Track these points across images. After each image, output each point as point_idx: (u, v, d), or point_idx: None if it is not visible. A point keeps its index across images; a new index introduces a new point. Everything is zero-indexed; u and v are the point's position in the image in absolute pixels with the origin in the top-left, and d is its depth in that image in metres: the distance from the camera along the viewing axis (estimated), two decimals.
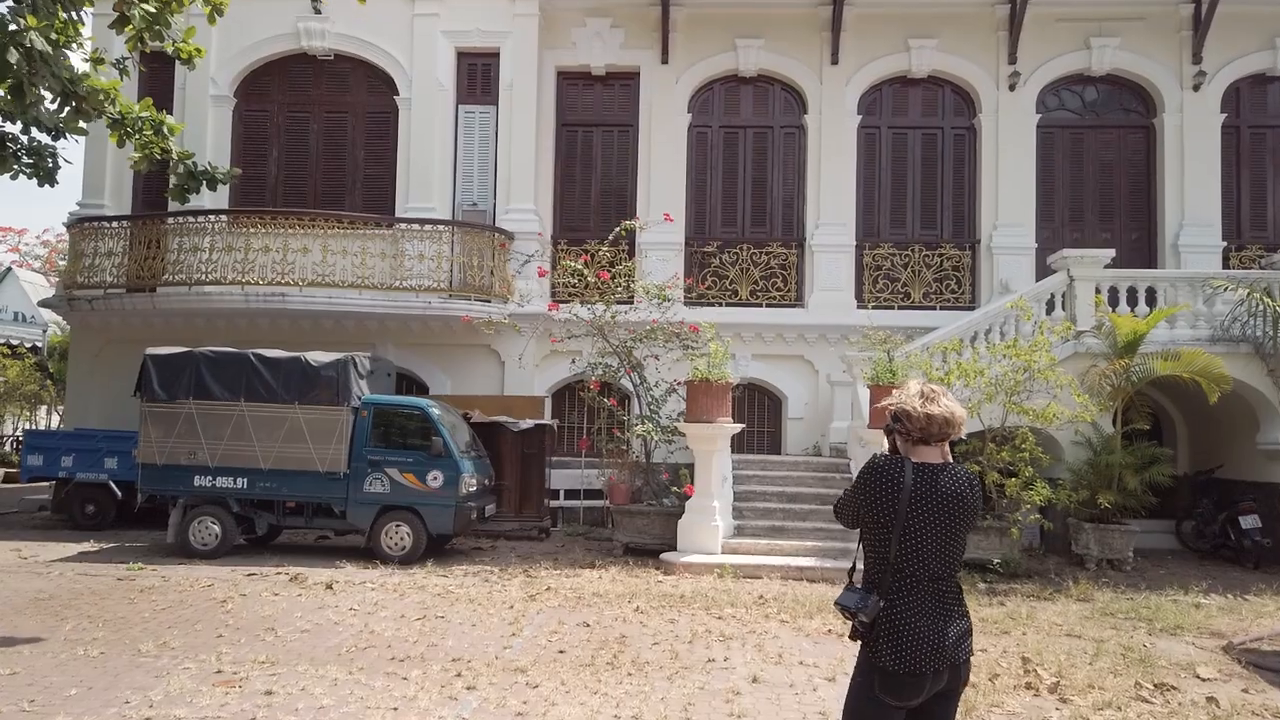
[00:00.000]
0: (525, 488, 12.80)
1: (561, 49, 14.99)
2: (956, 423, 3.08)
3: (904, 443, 3.13)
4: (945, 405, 3.08)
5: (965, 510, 3.02)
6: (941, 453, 3.11)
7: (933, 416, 3.05)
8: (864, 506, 3.09)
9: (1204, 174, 14.38)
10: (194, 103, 14.55)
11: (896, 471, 3.02)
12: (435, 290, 13.20)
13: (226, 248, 12.90)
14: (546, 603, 8.34)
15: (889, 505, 3.00)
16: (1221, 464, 12.76)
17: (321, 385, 10.64)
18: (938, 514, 2.98)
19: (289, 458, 10.57)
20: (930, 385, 3.15)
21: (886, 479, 3.02)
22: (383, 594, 8.60)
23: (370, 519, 10.53)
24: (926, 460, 3.06)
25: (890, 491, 3.00)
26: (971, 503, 3.05)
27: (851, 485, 3.20)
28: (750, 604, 8.47)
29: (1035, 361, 10.28)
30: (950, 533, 3.00)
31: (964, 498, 3.02)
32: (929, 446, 3.09)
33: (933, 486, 2.99)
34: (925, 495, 2.98)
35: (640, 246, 14.51)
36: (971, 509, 3.05)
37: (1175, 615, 8.40)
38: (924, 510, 2.98)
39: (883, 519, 3.01)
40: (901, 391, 3.19)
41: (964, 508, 3.02)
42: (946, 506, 2.99)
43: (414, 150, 14.35)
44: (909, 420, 3.08)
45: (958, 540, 3.04)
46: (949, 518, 2.99)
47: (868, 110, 14.99)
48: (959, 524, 3.02)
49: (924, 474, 3.01)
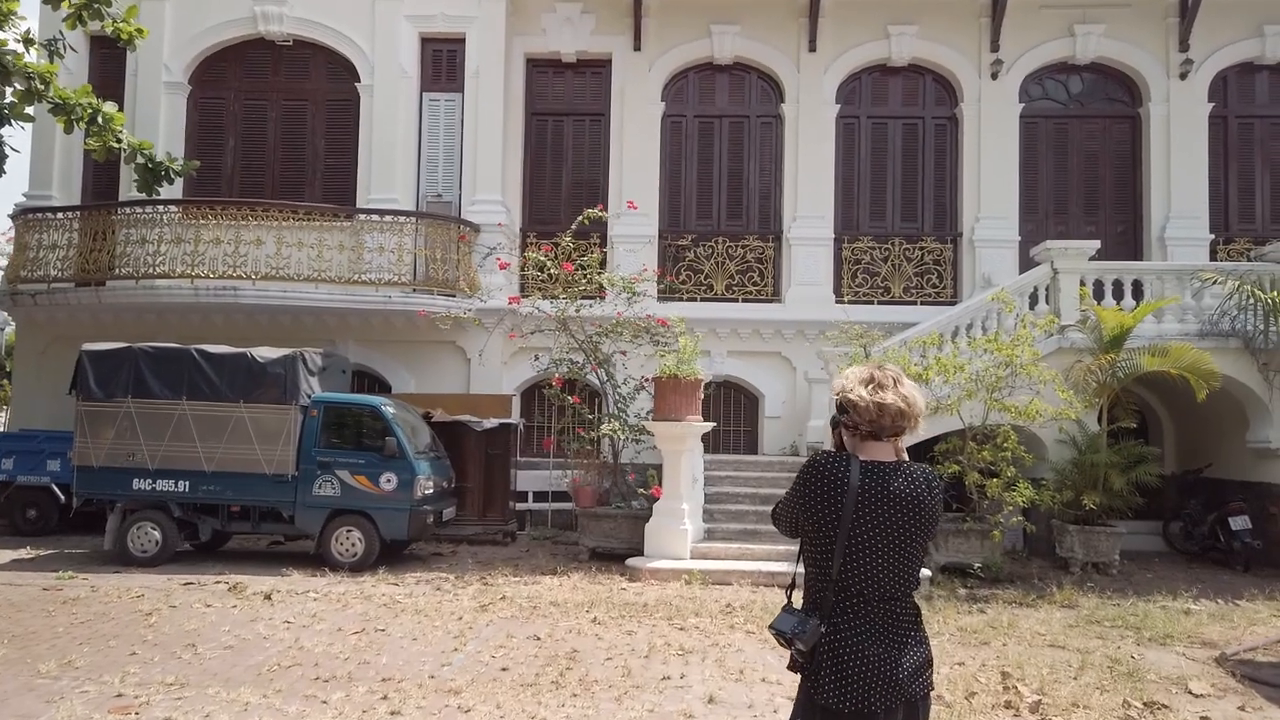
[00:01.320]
0: (489, 490, 12.26)
1: (531, 35, 14.47)
2: (912, 414, 2.59)
3: (850, 437, 2.64)
4: (899, 393, 2.58)
5: (922, 517, 2.53)
6: (895, 449, 2.61)
7: (884, 406, 2.55)
8: (803, 512, 2.59)
9: (1191, 165, 13.98)
10: (146, 90, 13.94)
11: (840, 471, 2.53)
12: (396, 284, 12.65)
13: (176, 239, 12.30)
14: (498, 613, 7.82)
15: (831, 511, 2.50)
16: (1210, 463, 12.35)
17: (268, 383, 10.08)
18: (889, 521, 2.49)
19: (234, 459, 10.00)
20: (883, 369, 2.65)
21: (828, 480, 2.53)
22: (324, 604, 8.05)
23: (320, 524, 9.98)
24: (876, 458, 2.57)
25: (832, 495, 2.50)
26: (930, 508, 2.55)
27: (790, 487, 2.70)
28: (716, 613, 7.97)
29: (1017, 356, 9.82)
30: (904, 544, 2.51)
31: (921, 502, 2.52)
32: (880, 442, 2.59)
33: (883, 489, 2.50)
34: (874, 499, 2.49)
35: (611, 239, 14.01)
36: (930, 515, 2.56)
37: (1164, 623, 7.95)
38: (873, 517, 2.48)
39: (824, 528, 2.52)
40: (846, 377, 2.69)
41: (921, 514, 2.53)
42: (900, 512, 2.50)
43: (376, 139, 13.79)
44: (855, 411, 2.59)
45: (914, 552, 2.54)
46: (903, 526, 2.50)
47: (846, 99, 14.52)
48: (915, 533, 2.52)
49: (873, 474, 2.52)
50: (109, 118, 8.75)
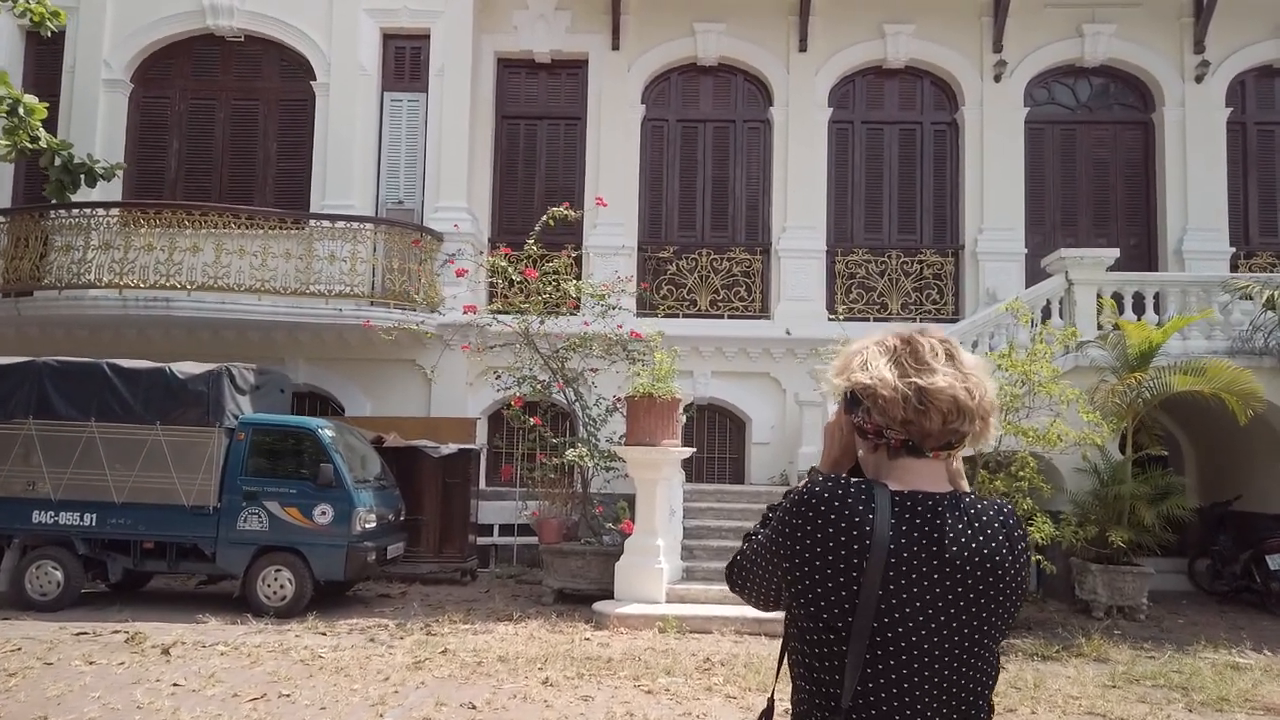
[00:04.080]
0: (447, 523, 11.05)
1: (501, 33, 13.48)
2: (978, 408, 1.48)
3: (873, 452, 1.54)
4: (956, 372, 1.48)
5: (1001, 589, 1.42)
6: (949, 471, 1.51)
7: (931, 395, 1.45)
8: (788, 580, 1.48)
9: (1209, 174, 13.01)
10: (84, 87, 12.87)
11: (857, 512, 1.41)
12: (349, 296, 11.53)
13: (104, 245, 11.17)
14: (434, 672, 6.62)
15: (841, 587, 1.39)
16: (1239, 495, 11.23)
17: (189, 402, 8.92)
18: (945, 600, 1.38)
19: (148, 489, 8.80)
20: (925, 333, 1.55)
21: (836, 529, 1.41)
22: (230, 661, 6.84)
23: (244, 562, 8.77)
24: (919, 487, 1.46)
25: (843, 556, 1.39)
26: (1012, 573, 1.44)
27: (769, 530, 1.58)
28: (692, 670, 6.80)
29: (1035, 373, 8.73)
30: (971, 641, 1.40)
31: (997, 563, 1.42)
32: (921, 460, 1.49)
33: (933, 543, 1.39)
34: (918, 562, 1.38)
35: (587, 250, 12.94)
36: (1012, 586, 1.44)
37: (1214, 682, 6.80)
38: (917, 595, 1.38)
39: (827, 616, 1.40)
40: (862, 350, 1.59)
41: (998, 584, 1.42)
42: (964, 583, 1.39)
43: (332, 141, 12.72)
44: (882, 405, 1.48)
45: (984, 656, 1.42)
46: (969, 608, 1.39)
47: (839, 103, 13.55)
48: (988, 620, 1.41)
49: (915, 517, 1.41)
50: (30, 109, 7.75)
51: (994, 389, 1.53)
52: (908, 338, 1.52)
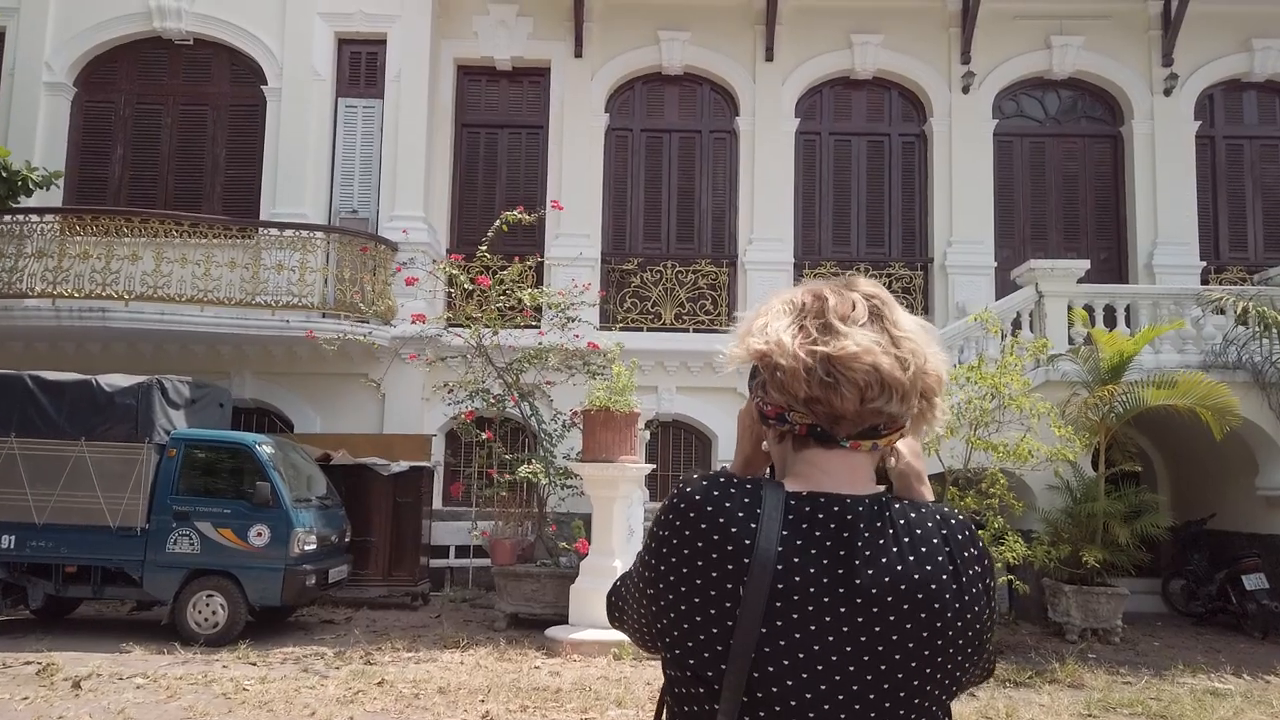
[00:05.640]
0: (398, 544, 10.54)
1: (461, 39, 13.13)
2: (911, 384, 1.09)
3: (779, 442, 1.15)
4: (880, 336, 1.10)
5: (938, 630, 1.02)
6: (896, 470, 1.13)
7: (841, 364, 1.06)
8: (651, 614, 1.08)
9: (1178, 188, 12.88)
10: (24, 90, 12.35)
11: (734, 520, 1.01)
12: (298, 307, 11.05)
13: (37, 253, 10.63)
14: (366, 705, 6.14)
15: (708, 619, 0.99)
16: (1213, 513, 10.98)
17: (116, 416, 8.40)
18: (856, 645, 0.98)
19: (71, 509, 8.26)
20: (851, 287, 1.16)
21: (704, 544, 1.01)
22: (146, 694, 6.32)
23: (174, 587, 8.23)
24: (828, 488, 1.07)
25: (713, 579, 1.00)
26: (956, 609, 1.05)
27: (641, 549, 1.18)
28: (644, 700, 6.38)
29: (1005, 386, 8.43)
30: (895, 698, 1.00)
31: (929, 595, 1.02)
32: (835, 451, 1.10)
33: (840, 563, 1.00)
34: (818, 590, 0.99)
35: (548, 263, 12.56)
36: (957, 626, 1.05)
37: (1194, 710, 6.47)
38: (814, 634, 0.98)
39: (693, 657, 1.00)
40: (764, 310, 1.19)
41: (935, 623, 1.02)
42: (885, 621, 0.99)
43: (284, 148, 12.27)
44: (780, 379, 1.09)
45: (911, 706, 1.02)
46: (893, 654, 0.99)
47: (806, 114, 13.31)
48: (919, 672, 1.01)
49: (817, 528, 1.02)
50: None
51: (941, 359, 1.14)
52: (819, 291, 1.14)
